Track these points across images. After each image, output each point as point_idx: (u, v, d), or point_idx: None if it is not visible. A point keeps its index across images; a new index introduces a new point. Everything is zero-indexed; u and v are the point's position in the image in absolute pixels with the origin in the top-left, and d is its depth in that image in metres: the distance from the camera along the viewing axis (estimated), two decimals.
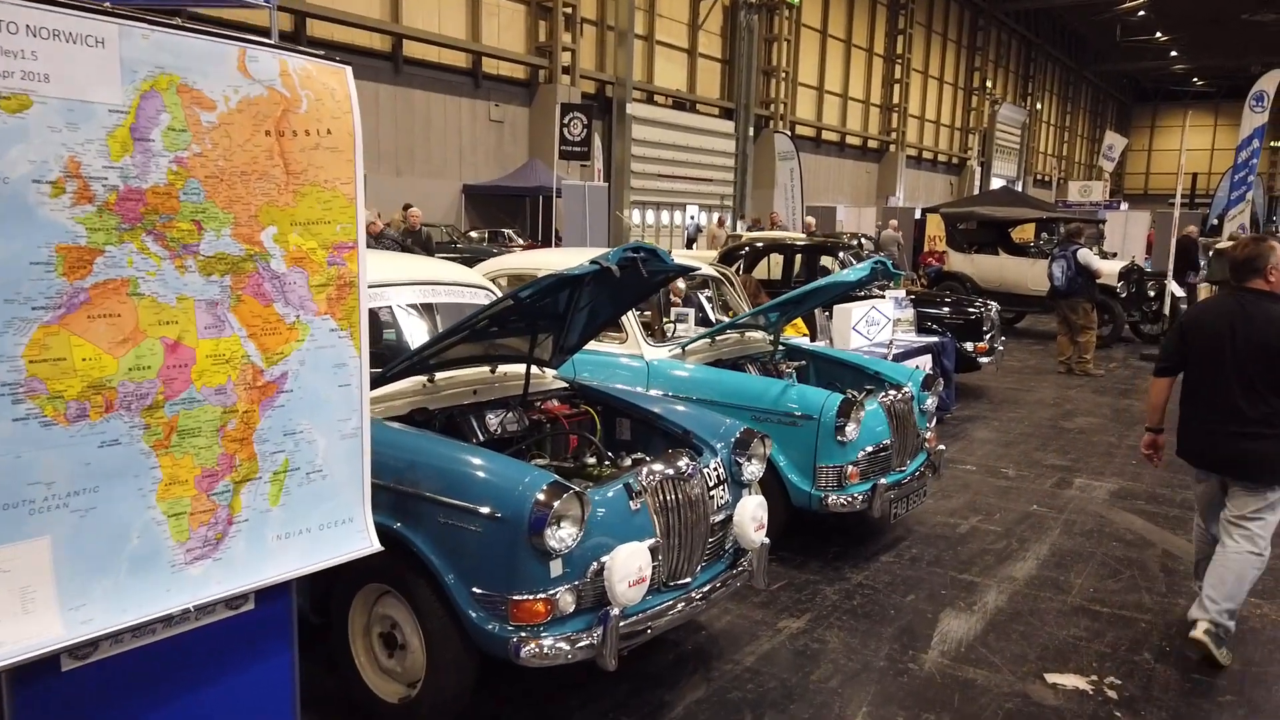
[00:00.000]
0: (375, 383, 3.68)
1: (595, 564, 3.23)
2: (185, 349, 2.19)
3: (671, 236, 30.52)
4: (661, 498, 3.50)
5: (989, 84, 49.50)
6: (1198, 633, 4.17)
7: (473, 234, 22.97)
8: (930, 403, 5.89)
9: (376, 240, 10.28)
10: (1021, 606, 4.75)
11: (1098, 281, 11.82)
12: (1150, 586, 5.06)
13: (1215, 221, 29.07)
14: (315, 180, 2.44)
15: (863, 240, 21.64)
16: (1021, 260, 15.29)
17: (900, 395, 5.56)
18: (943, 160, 48.74)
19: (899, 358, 8.08)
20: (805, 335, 8.40)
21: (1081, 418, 9.33)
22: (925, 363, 8.59)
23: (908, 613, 4.63)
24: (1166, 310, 13.94)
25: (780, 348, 6.37)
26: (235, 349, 2.29)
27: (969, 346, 9.70)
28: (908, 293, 10.27)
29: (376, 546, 2.67)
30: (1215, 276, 18.82)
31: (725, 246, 11.48)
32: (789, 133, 29.69)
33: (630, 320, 5.65)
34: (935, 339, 8.96)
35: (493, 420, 3.95)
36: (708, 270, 6.77)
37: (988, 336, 9.82)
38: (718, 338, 5.98)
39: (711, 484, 3.80)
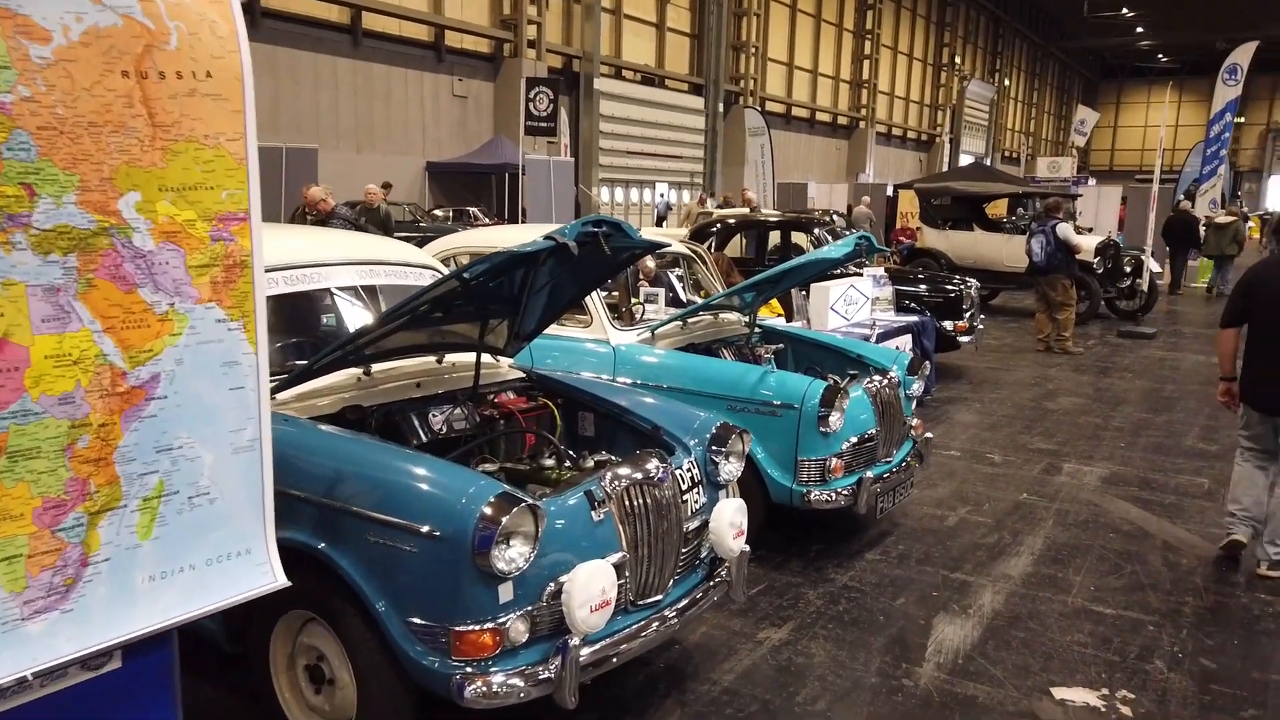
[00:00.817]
0: (299, 377, 3.21)
1: (552, 585, 2.79)
2: (14, 348, 1.71)
3: (641, 214, 30.01)
4: (628, 505, 3.07)
5: (958, 60, 49.24)
6: (1263, 570, 4.77)
7: (437, 212, 22.32)
8: (916, 387, 5.50)
9: (327, 219, 9.71)
10: (1020, 609, 4.37)
11: (1076, 258, 11.50)
12: (1155, 584, 4.70)
13: (1181, 197, 29.01)
14: (192, 135, 1.95)
15: (835, 217, 21.28)
16: (996, 236, 14.97)
17: (886, 381, 5.15)
18: (912, 137, 48.48)
19: (879, 338, 7.68)
20: (781, 316, 7.99)
21: (1064, 398, 9.00)
22: (905, 343, 8.21)
23: (898, 619, 4.24)
24: (1145, 286, 13.69)
25: (757, 330, 5.94)
26: (86, 347, 1.82)
27: (948, 325, 9.33)
28: (884, 270, 9.88)
29: (282, 582, 2.21)
30: (1212, 251, 18.68)
31: (695, 223, 11.02)
32: (759, 109, 29.21)
33: (595, 302, 5.19)
34: (915, 318, 8.58)
35: (437, 418, 3.49)
36: (678, 247, 6.32)
37: (967, 315, 9.46)
38: (690, 320, 5.54)
39: (685, 487, 3.37)
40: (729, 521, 3.40)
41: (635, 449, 3.72)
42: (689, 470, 3.44)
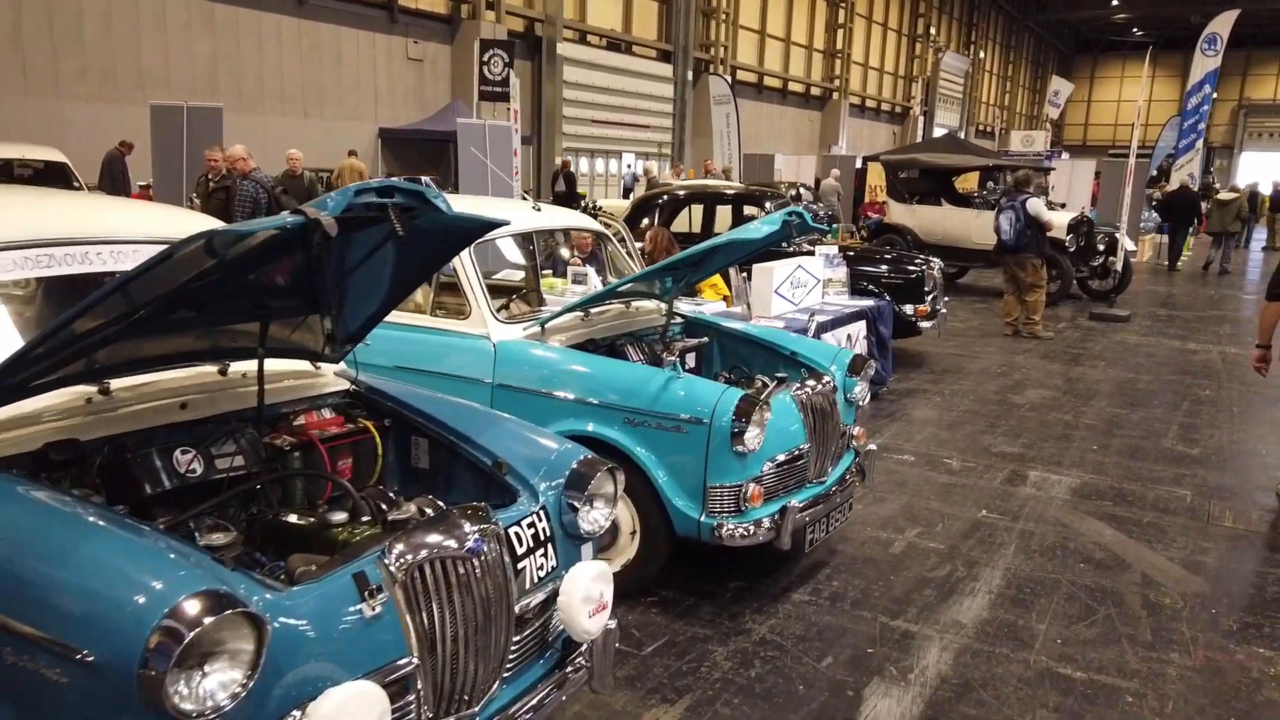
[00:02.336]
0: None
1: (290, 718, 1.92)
2: None
3: (607, 185, 29.00)
4: (422, 587, 2.18)
5: (933, 31, 48.23)
6: None
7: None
8: (859, 390, 4.64)
9: (239, 182, 8.66)
10: (972, 673, 3.55)
11: (1047, 235, 10.68)
12: (1133, 633, 3.90)
13: (1155, 172, 28.31)
14: None
15: (801, 190, 20.37)
16: (965, 211, 14.14)
17: (820, 386, 4.29)
18: (886, 109, 47.52)
19: (827, 325, 6.83)
20: (724, 298, 7.11)
21: (1032, 390, 8.20)
22: (859, 330, 7.36)
23: (821, 689, 3.40)
24: (1118, 266, 12.92)
25: (678, 321, 5.06)
26: None
27: (908, 309, 8.49)
28: (842, 249, 9.01)
29: None
30: (1215, 227, 18.00)
31: (638, 196, 10.09)
32: (725, 76, 28.17)
33: (472, 287, 4.28)
34: (870, 303, 7.73)
35: (184, 458, 2.57)
36: (580, 223, 5.40)
37: (929, 298, 8.62)
38: (594, 310, 4.64)
39: (523, 549, 2.50)
40: (583, 595, 2.53)
41: (476, 487, 2.85)
42: (534, 523, 2.57)
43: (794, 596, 4.11)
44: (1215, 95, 21.33)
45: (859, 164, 21.45)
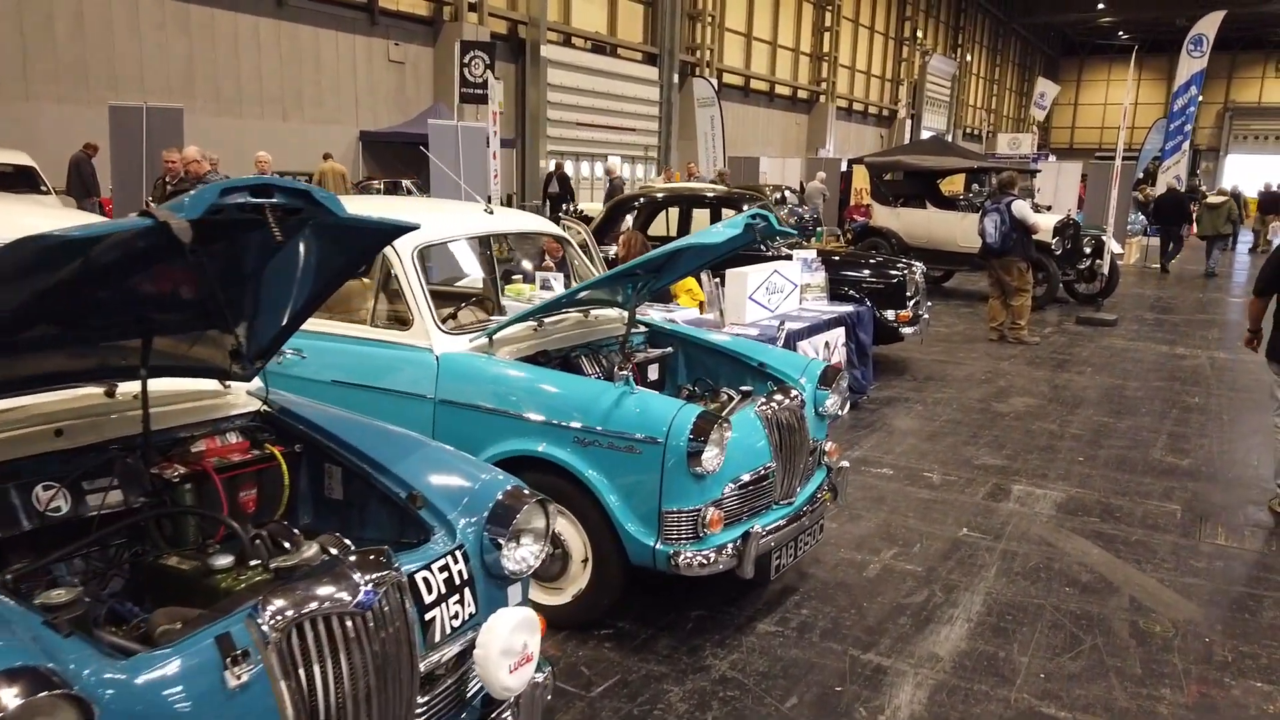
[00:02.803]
0: None
1: None
2: None
3: (593, 189, 28.70)
4: (301, 650, 1.88)
5: (920, 34, 48.10)
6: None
7: (374, 184, 20.87)
8: (831, 403, 4.36)
9: (194, 184, 8.32)
10: (948, 713, 3.26)
11: (1033, 238, 10.43)
12: (1121, 666, 3.62)
13: (1141, 175, 28.15)
14: None
15: (787, 193, 20.14)
16: (950, 214, 13.88)
17: (788, 400, 4.00)
18: (873, 112, 47.36)
19: (804, 333, 6.56)
20: (700, 304, 6.83)
21: (1017, 398, 7.93)
22: (837, 337, 7.09)
23: None
24: (1105, 269, 12.68)
25: (640, 330, 4.77)
26: None
27: (890, 315, 8.22)
28: (823, 253, 8.74)
29: None
30: (1206, 230, 17.81)
31: (613, 199, 9.80)
32: (711, 79, 27.92)
33: (413, 294, 3.97)
34: (850, 308, 7.45)
35: (44, 494, 2.26)
36: (538, 227, 5.08)
37: (912, 303, 8.35)
38: (548, 320, 4.34)
39: (433, 596, 2.21)
40: (501, 648, 2.23)
41: (391, 520, 2.56)
42: (445, 568, 2.27)
43: (759, 627, 3.82)
44: (1201, 98, 21.14)
45: (844, 167, 21.20)
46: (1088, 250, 13.13)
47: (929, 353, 9.63)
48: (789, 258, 7.70)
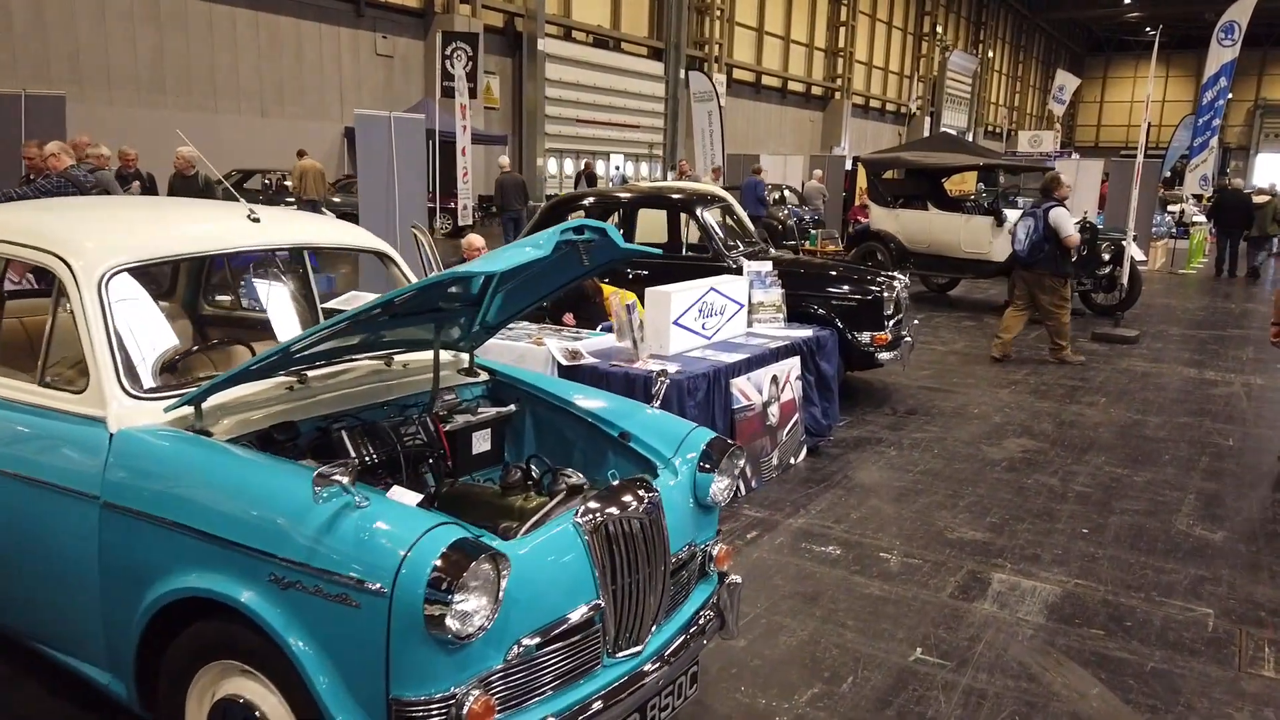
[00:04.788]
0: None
1: None
2: None
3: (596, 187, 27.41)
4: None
5: (939, 30, 46.37)
6: None
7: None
8: (720, 489, 3.01)
9: (58, 180, 7.08)
10: None
11: (1069, 251, 8.94)
12: None
13: (1168, 174, 26.45)
14: None
15: (786, 191, 18.74)
16: (953, 217, 12.45)
17: (633, 501, 2.66)
18: (891, 109, 45.74)
19: (741, 367, 5.23)
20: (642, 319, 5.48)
21: (1013, 439, 6.55)
22: (788, 369, 5.75)
23: None
24: (1125, 278, 11.21)
25: (479, 381, 3.46)
26: None
27: (865, 337, 6.86)
28: (786, 262, 7.40)
29: None
30: (1253, 231, 16.33)
31: (551, 201, 8.47)
32: (710, 73, 26.50)
33: (92, 339, 2.69)
34: (808, 333, 6.10)
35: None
36: (333, 239, 3.71)
37: (891, 323, 6.98)
38: (321, 372, 3.03)
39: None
40: None
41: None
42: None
43: None
44: (1230, 96, 19.49)
45: (849, 165, 19.76)
46: (1106, 256, 11.68)
47: (917, 376, 8.25)
48: (738, 270, 6.37)
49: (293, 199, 16.02)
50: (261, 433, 2.74)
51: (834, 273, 7.25)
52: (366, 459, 2.84)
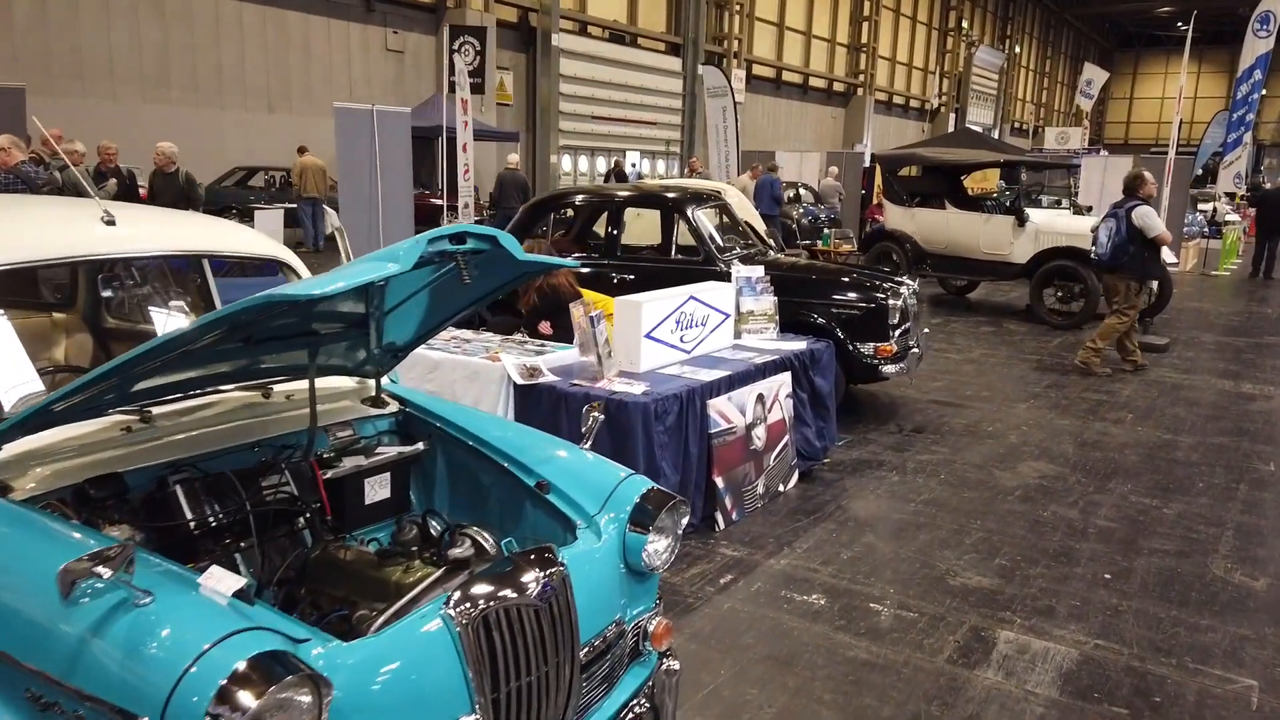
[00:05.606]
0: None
1: None
2: None
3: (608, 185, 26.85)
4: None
5: (965, 24, 45.34)
6: None
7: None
8: (656, 550, 2.45)
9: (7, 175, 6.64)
10: None
11: (1159, 251, 8.27)
12: None
13: (1200, 171, 25.48)
14: None
15: (802, 190, 18.09)
16: (973, 216, 11.77)
17: (530, 584, 2.09)
18: (915, 106, 44.77)
19: (718, 387, 4.66)
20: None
21: (1029, 462, 5.92)
22: (776, 387, 5.16)
23: None
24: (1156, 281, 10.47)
25: (389, 411, 2.91)
26: None
27: (867, 349, 6.26)
28: (777, 266, 6.81)
29: None
30: None
31: (532, 200, 7.91)
32: (725, 68, 25.85)
33: None
34: (801, 345, 5.50)
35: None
36: (185, 244, 3.12)
37: (897, 333, 6.37)
38: (158, 412, 2.47)
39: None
40: None
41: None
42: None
43: None
44: (1265, 91, 18.58)
45: (866, 161, 19.05)
46: None
47: (928, 389, 7.62)
48: (726, 276, 5.79)
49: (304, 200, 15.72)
50: (77, 488, 2.20)
51: (835, 278, 6.64)
52: (210, 519, 2.29)
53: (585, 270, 6.60)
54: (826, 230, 15.05)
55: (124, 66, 17.11)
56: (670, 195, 7.02)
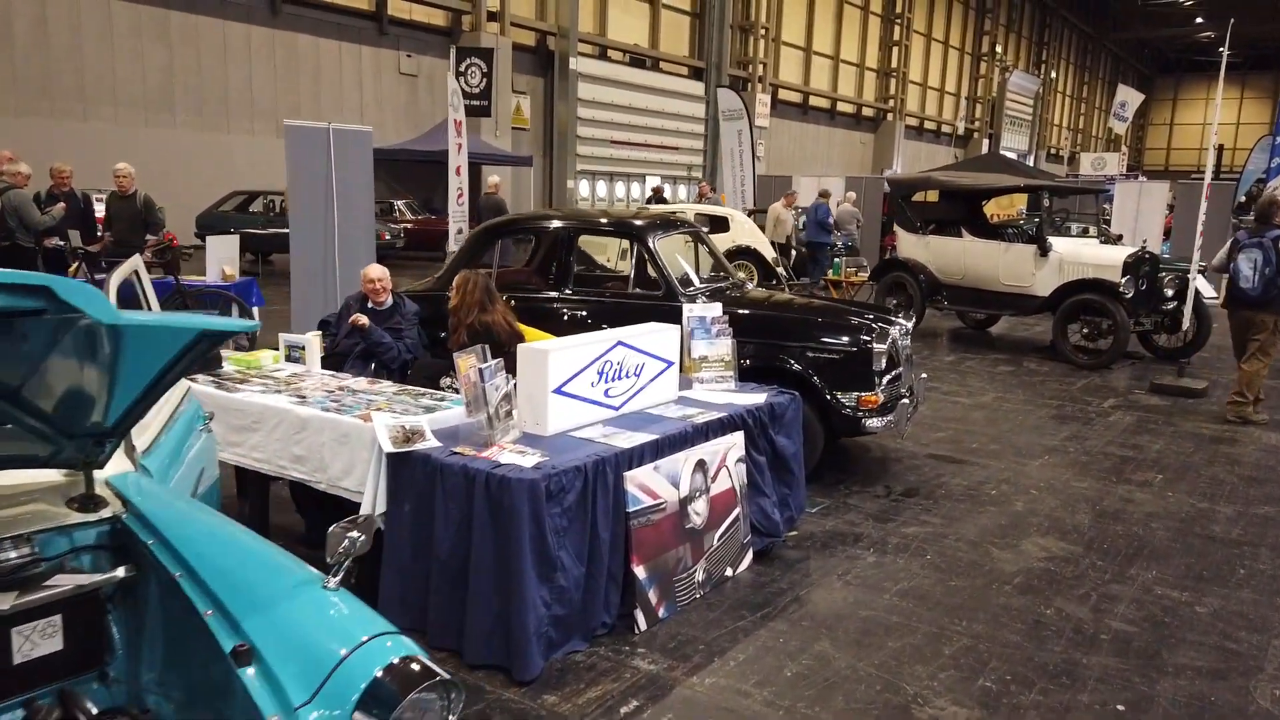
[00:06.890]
0: None
1: None
2: None
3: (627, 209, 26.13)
4: None
5: (999, 49, 44.24)
6: None
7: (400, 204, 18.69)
8: None
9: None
10: None
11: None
12: None
13: (1244, 198, 24.18)
14: None
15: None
16: (992, 245, 10.79)
17: None
18: (947, 131, 43.68)
19: (644, 453, 3.79)
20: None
21: (1036, 538, 4.95)
22: (726, 450, 4.26)
23: None
24: (1188, 316, 9.44)
25: (102, 517, 2.09)
26: None
27: (849, 399, 5.35)
28: (750, 303, 5.92)
29: None
30: None
31: (482, 225, 7.09)
32: (740, 91, 25.04)
33: None
34: (759, 399, 4.60)
35: None
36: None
37: (885, 380, 5.45)
38: None
39: None
40: None
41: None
42: None
43: None
44: None
45: (887, 187, 18.08)
46: (1169, 292, 9.89)
47: (928, 440, 6.67)
48: (675, 312, 4.92)
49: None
50: None
51: (812, 317, 5.74)
52: None
53: (523, 307, 5.77)
54: (838, 259, 14.12)
55: (127, 90, 16.73)
56: (630, 222, 6.17)
